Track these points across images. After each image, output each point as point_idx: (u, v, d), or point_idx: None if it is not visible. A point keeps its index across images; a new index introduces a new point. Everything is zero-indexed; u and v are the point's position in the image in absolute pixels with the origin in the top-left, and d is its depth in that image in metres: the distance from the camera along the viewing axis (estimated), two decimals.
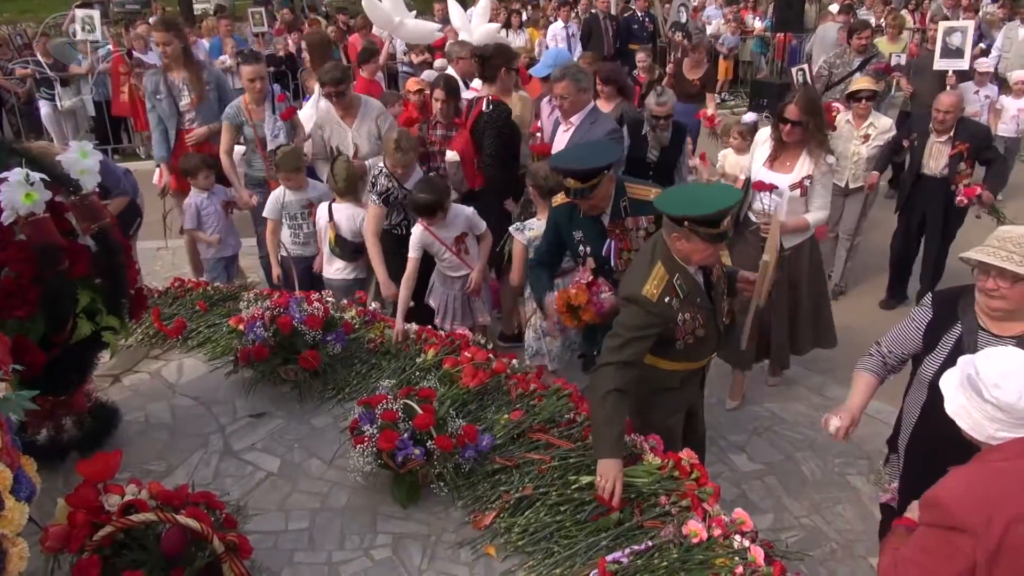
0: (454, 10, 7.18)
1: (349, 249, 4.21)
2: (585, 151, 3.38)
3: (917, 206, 5.37)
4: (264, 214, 4.44)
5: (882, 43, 8.68)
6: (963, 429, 1.91)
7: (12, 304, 2.31)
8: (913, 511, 2.09)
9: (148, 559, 2.00)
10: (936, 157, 5.15)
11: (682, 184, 4.65)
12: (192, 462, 2.84)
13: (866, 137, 5.47)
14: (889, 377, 2.68)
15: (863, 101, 5.50)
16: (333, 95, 4.67)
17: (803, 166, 3.96)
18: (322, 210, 4.33)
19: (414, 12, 8.05)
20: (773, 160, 4.07)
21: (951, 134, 5.05)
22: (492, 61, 5.00)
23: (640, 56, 7.70)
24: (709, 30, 13.08)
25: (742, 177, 4.62)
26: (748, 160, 4.42)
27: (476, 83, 5.41)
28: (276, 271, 4.44)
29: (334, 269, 4.30)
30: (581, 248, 3.30)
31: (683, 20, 11.77)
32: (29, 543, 1.80)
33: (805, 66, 7.66)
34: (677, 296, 2.64)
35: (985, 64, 7.73)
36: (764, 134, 4.26)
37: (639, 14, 11.96)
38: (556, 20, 11.68)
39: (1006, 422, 1.85)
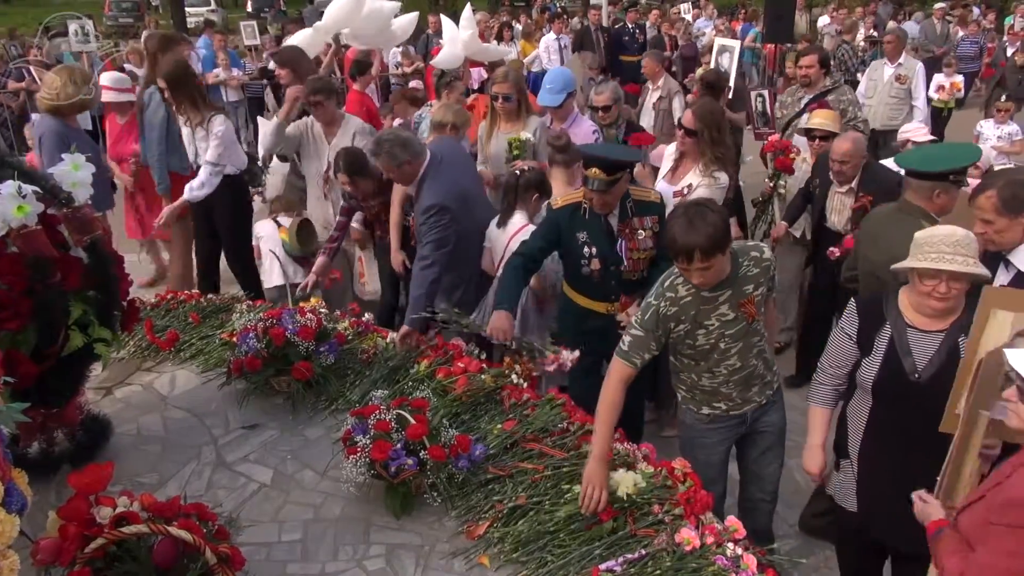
0: (446, 25, 7.22)
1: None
2: (612, 149, 3.44)
3: (825, 265, 4.44)
4: None
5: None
6: None
7: (4, 316, 2.31)
8: (934, 510, 2.09)
9: (140, 571, 1.99)
10: (839, 210, 4.41)
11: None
12: (184, 474, 2.82)
13: (850, 187, 4.48)
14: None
15: (816, 141, 4.71)
16: (311, 104, 4.65)
17: (689, 176, 3.87)
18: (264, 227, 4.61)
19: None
20: (672, 172, 4.03)
21: (853, 184, 4.29)
22: (716, 84, 5.72)
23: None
24: (703, 41, 13.17)
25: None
26: None
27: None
28: None
29: (277, 275, 4.50)
30: (586, 249, 3.30)
31: None
32: (20, 557, 1.79)
33: (765, 92, 6.44)
34: None
35: (919, 132, 5.42)
36: (671, 148, 4.20)
37: (630, 26, 12.06)
38: (548, 32, 11.76)
39: None
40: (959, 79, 9.57)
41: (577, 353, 3.12)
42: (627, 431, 2.94)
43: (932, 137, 5.54)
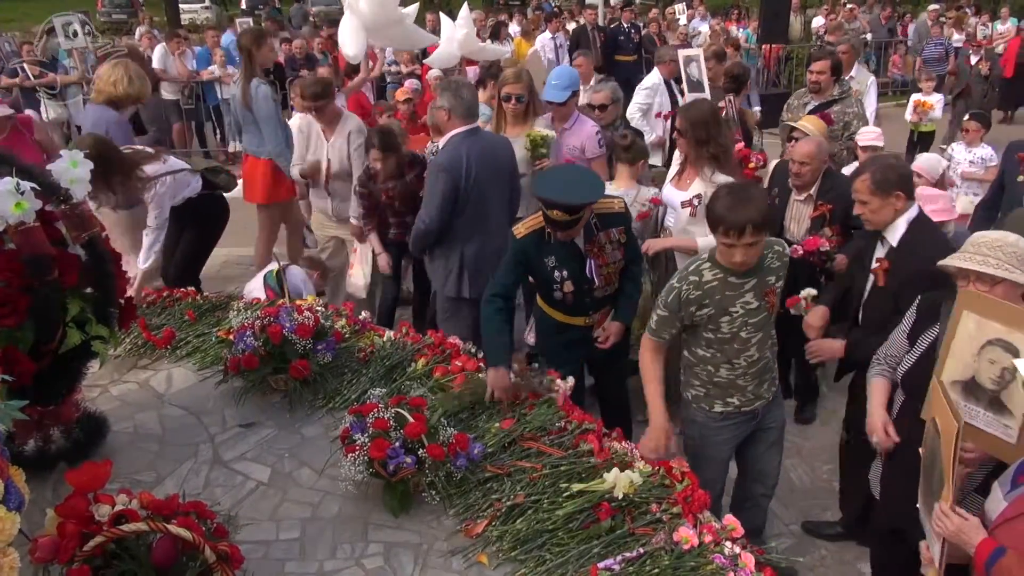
0: (445, 23, 7.17)
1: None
2: (572, 180, 3.20)
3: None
4: None
5: None
6: None
7: (2, 313, 2.30)
8: (974, 530, 2.01)
9: (139, 569, 1.98)
10: (797, 219, 4.16)
11: None
12: (182, 472, 2.82)
13: (809, 195, 4.15)
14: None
15: (793, 142, 4.45)
16: (312, 110, 4.73)
17: (696, 184, 3.83)
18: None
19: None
20: (679, 176, 4.00)
21: (812, 191, 4.06)
22: (742, 78, 5.87)
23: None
24: (698, 41, 13.20)
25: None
26: None
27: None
28: None
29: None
30: (557, 274, 3.27)
31: None
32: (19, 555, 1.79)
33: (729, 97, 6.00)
34: None
35: (869, 136, 4.98)
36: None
37: (625, 25, 12.09)
38: (545, 31, 11.77)
39: None
40: (934, 99, 8.27)
41: (572, 381, 3.09)
42: (611, 426, 2.95)
43: (880, 144, 5.09)
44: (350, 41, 5.64)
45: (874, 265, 3.15)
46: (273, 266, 4.69)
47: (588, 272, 3.25)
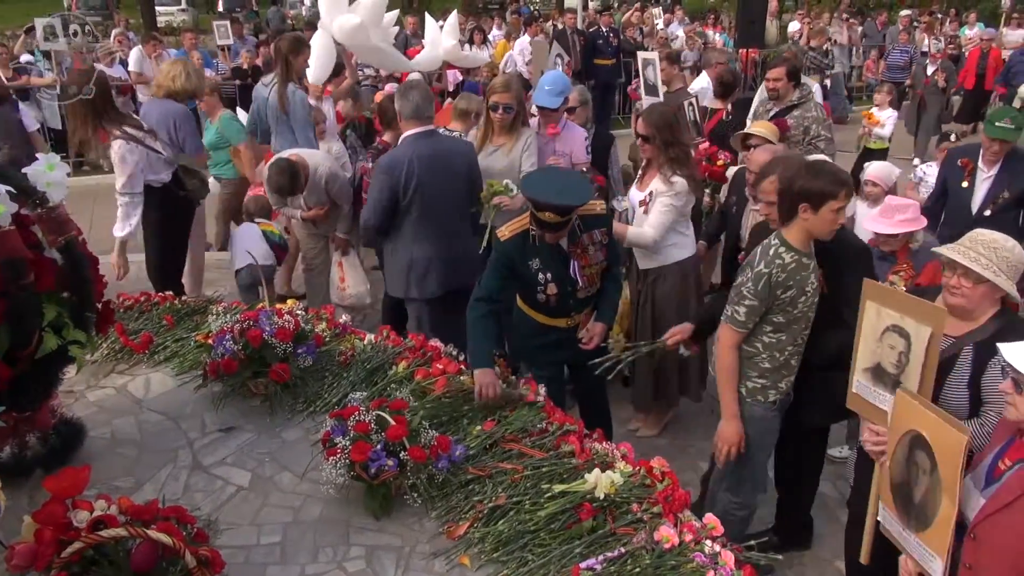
0: (429, 25, 7.16)
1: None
2: (562, 183, 3.19)
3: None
4: None
5: None
6: None
7: None
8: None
9: (118, 575, 1.97)
10: None
11: None
12: (161, 477, 2.79)
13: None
14: None
15: (752, 151, 4.25)
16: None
17: (653, 183, 3.87)
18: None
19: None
20: (641, 179, 4.05)
21: None
22: (732, 84, 6.16)
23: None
24: (674, 46, 13.32)
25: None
26: None
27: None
28: None
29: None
30: (541, 276, 3.28)
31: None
32: None
33: (693, 98, 6.23)
34: None
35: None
36: None
37: (604, 29, 12.16)
38: (524, 35, 11.81)
39: None
40: (885, 115, 7.83)
41: (544, 389, 3.10)
42: (591, 427, 2.97)
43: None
44: (315, 63, 5.62)
45: None
46: (256, 229, 5.16)
47: (572, 273, 3.27)
